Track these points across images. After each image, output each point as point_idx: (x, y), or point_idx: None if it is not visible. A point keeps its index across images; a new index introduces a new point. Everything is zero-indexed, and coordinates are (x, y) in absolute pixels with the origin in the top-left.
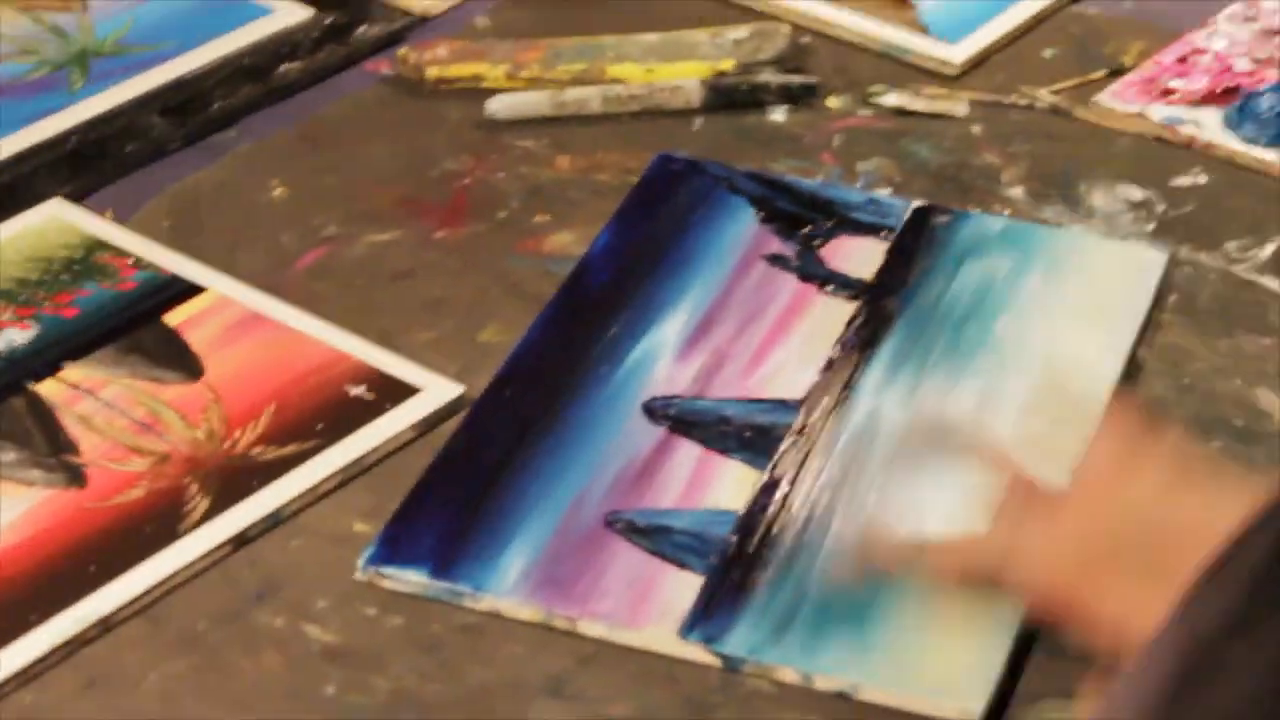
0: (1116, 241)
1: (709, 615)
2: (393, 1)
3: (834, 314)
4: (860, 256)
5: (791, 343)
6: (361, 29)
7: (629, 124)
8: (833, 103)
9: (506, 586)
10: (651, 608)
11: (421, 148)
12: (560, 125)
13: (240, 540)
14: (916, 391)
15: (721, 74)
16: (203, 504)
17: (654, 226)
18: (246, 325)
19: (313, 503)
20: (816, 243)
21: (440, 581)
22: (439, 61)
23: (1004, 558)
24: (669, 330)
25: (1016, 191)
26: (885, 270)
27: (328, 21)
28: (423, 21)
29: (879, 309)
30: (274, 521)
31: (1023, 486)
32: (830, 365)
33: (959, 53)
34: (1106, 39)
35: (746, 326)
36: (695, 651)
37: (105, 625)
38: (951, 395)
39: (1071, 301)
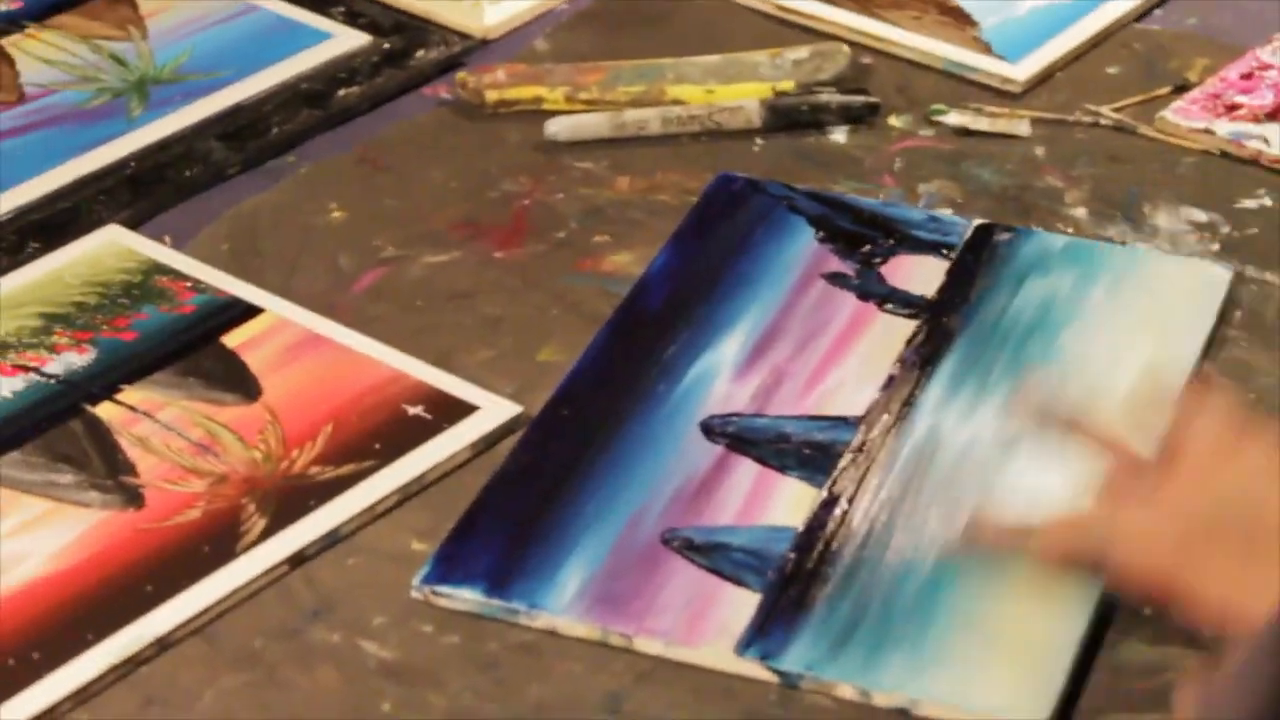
0: (1180, 258)
1: (766, 632)
2: (451, 25)
3: (894, 332)
4: (921, 274)
5: (851, 361)
6: (420, 54)
7: (688, 145)
8: (894, 122)
9: (562, 604)
10: (708, 625)
11: (480, 170)
12: (619, 147)
13: (297, 559)
14: (978, 408)
15: (782, 94)
16: (260, 524)
17: (712, 246)
18: (304, 346)
19: (370, 522)
20: (876, 261)
21: (495, 600)
22: (498, 85)
23: (1106, 538)
24: (727, 349)
25: (1080, 212)
26: (946, 288)
27: (386, 46)
28: (482, 45)
29: (939, 326)
30: (331, 541)
31: (1125, 466)
32: (890, 383)
33: (1021, 71)
34: (1171, 55)
35: (805, 345)
36: (752, 668)
37: (162, 645)
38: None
39: (1135, 317)
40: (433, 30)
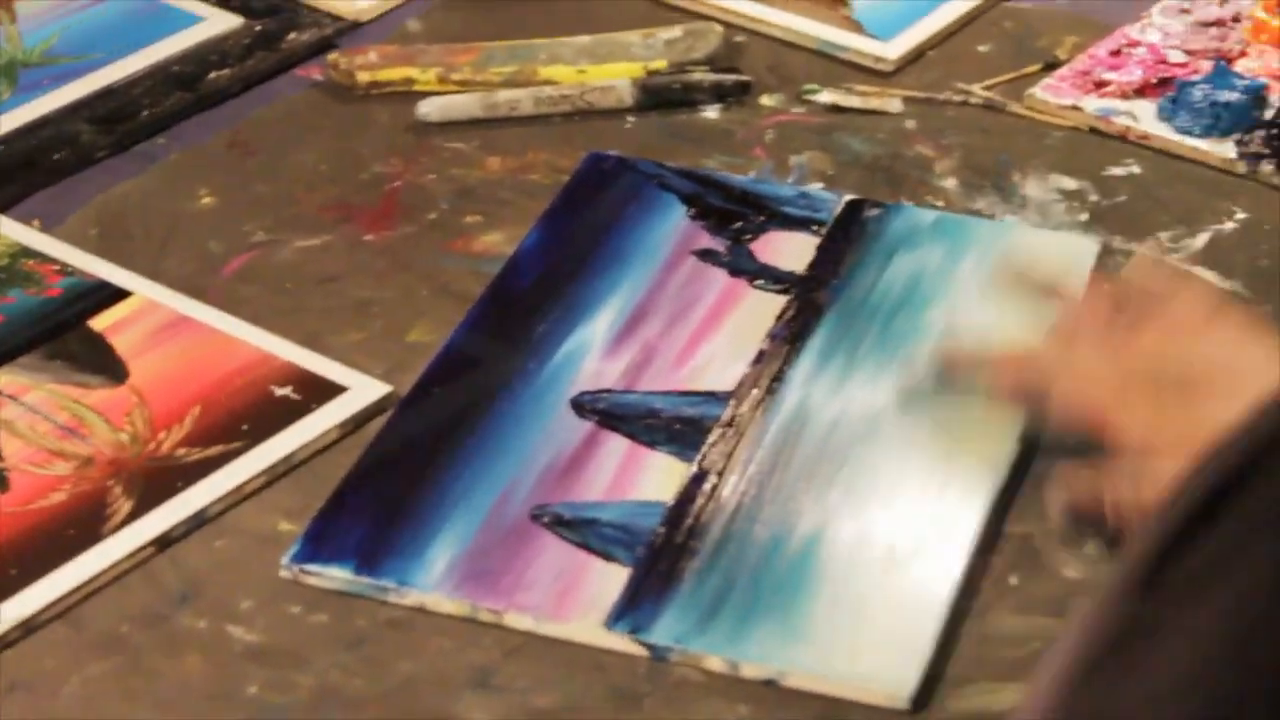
0: (1049, 231)
1: (635, 605)
2: (324, 7)
3: (764, 307)
4: (791, 250)
5: (721, 337)
6: (292, 35)
7: (560, 125)
8: (766, 101)
9: (431, 581)
10: (578, 599)
11: (351, 152)
12: (491, 127)
13: (164, 541)
14: (846, 383)
15: (654, 73)
16: (126, 506)
17: (583, 224)
18: (172, 329)
19: (237, 503)
20: (747, 238)
21: (364, 578)
22: (370, 66)
23: (1054, 371)
24: (597, 326)
25: (949, 183)
26: (816, 263)
27: (258, 28)
28: (354, 27)
29: (809, 302)
30: (198, 522)
31: (1085, 314)
32: (760, 358)
33: (893, 50)
34: (1040, 34)
35: (676, 321)
36: (622, 642)
37: (27, 628)
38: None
39: (1004, 290)
40: (305, 12)
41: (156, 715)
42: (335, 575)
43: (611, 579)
